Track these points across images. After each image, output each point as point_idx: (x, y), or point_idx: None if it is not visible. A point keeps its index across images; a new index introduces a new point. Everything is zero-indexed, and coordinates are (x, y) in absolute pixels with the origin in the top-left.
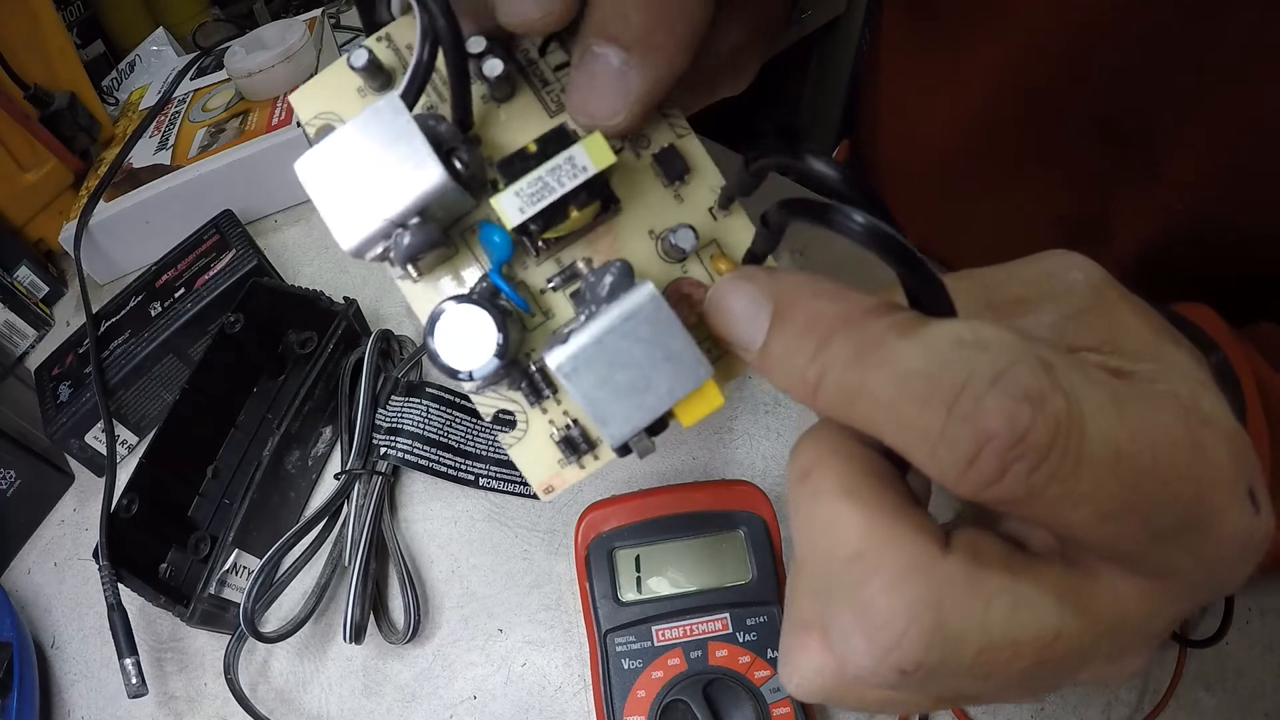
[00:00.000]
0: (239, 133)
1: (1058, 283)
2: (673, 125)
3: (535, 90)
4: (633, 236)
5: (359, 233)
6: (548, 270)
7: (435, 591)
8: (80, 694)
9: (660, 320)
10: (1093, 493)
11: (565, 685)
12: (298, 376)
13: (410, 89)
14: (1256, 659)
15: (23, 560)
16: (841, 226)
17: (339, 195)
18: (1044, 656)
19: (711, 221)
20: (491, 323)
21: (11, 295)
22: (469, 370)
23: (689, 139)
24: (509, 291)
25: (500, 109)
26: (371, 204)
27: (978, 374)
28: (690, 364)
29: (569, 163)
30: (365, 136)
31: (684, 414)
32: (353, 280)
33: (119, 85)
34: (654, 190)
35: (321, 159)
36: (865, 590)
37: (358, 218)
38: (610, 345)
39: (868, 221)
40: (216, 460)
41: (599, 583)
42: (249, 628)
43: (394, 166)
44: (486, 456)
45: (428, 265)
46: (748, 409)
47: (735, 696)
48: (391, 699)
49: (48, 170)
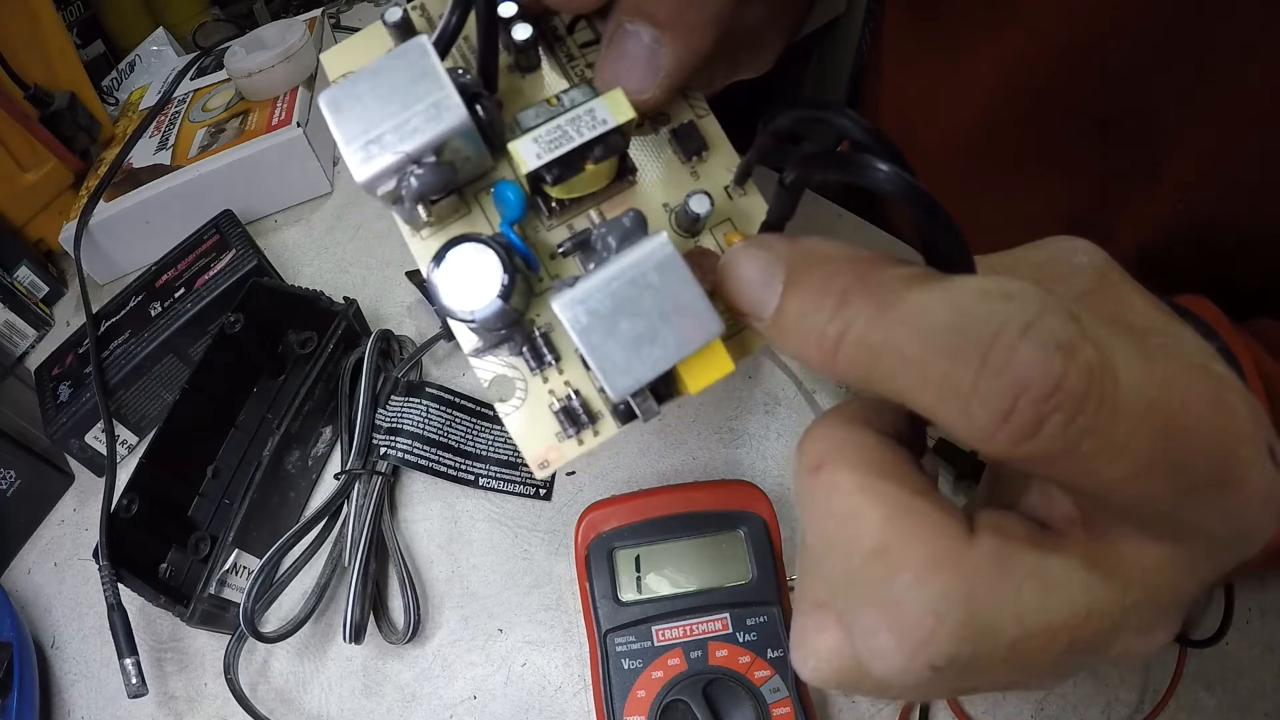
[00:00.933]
0: (239, 133)
1: (1063, 265)
2: (693, 106)
3: (560, 64)
4: (647, 209)
5: (375, 164)
6: (560, 235)
7: (435, 591)
8: (80, 694)
9: (672, 269)
10: (1126, 444)
11: (565, 685)
12: (298, 376)
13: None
14: (1256, 659)
15: (23, 560)
16: (867, 177)
17: (358, 125)
18: (1077, 636)
19: (727, 200)
20: (497, 262)
21: (11, 295)
22: (470, 310)
23: (708, 119)
24: (519, 244)
25: (525, 79)
26: (391, 136)
27: (1008, 325)
28: (700, 316)
29: (589, 114)
30: (392, 72)
31: (691, 379)
32: (353, 280)
33: (119, 85)
34: (670, 165)
35: (345, 91)
36: (891, 587)
37: (375, 149)
38: (619, 291)
39: (893, 171)
40: (216, 460)
41: (599, 583)
42: (249, 628)
43: (417, 102)
44: (486, 456)
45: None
46: (747, 409)
47: (735, 696)
48: (391, 699)
49: (48, 170)
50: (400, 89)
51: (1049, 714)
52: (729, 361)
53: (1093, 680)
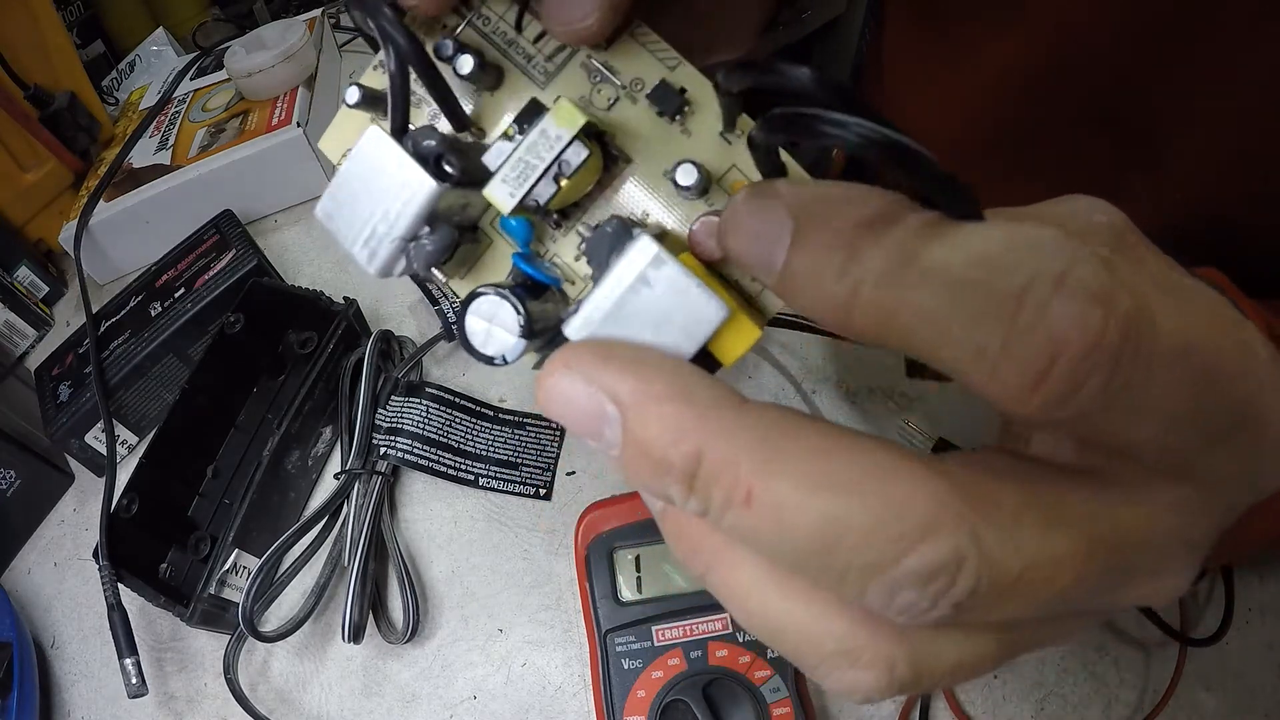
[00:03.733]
0: (239, 133)
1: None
2: (662, 59)
3: (520, 68)
4: (649, 183)
5: (379, 259)
6: (575, 238)
7: (435, 591)
8: (80, 694)
9: (662, 269)
10: (1164, 396)
11: (565, 685)
12: (298, 376)
13: (395, 114)
14: (1256, 659)
15: (23, 560)
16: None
17: (352, 229)
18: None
19: (725, 146)
20: (509, 306)
21: (11, 295)
22: (501, 355)
23: (681, 68)
24: (532, 272)
25: (494, 95)
26: (381, 228)
27: (1040, 277)
28: (702, 306)
29: (543, 136)
30: (359, 169)
31: (722, 353)
32: (353, 280)
33: (119, 85)
34: (658, 131)
35: (332, 201)
36: None
37: (373, 244)
38: (619, 304)
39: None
40: (216, 460)
41: (599, 583)
42: (248, 627)
43: (389, 189)
44: (486, 456)
45: (455, 266)
46: None
47: (735, 696)
48: (391, 699)
49: (48, 170)
50: (372, 182)
51: (1049, 714)
52: (755, 329)
53: (1093, 680)
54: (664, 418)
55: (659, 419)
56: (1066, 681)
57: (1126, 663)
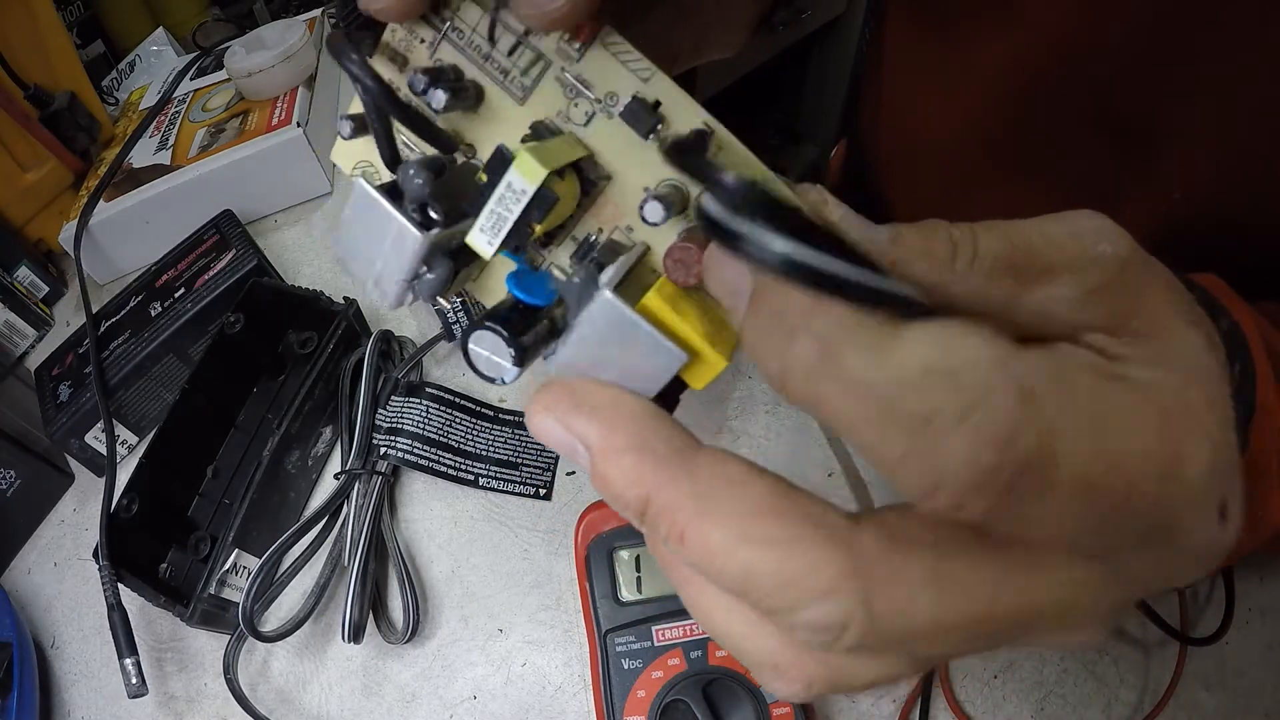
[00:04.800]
0: (239, 133)
1: (1084, 252)
2: (634, 70)
3: (499, 83)
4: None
5: (388, 296)
6: (568, 249)
7: (435, 591)
8: (80, 694)
9: (622, 323)
10: (1062, 520)
11: (565, 685)
12: (298, 376)
13: (382, 149)
14: (1256, 659)
15: (23, 560)
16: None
17: (363, 270)
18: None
19: None
20: (500, 339)
21: (11, 295)
22: (500, 378)
23: (655, 79)
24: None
25: (477, 114)
26: (383, 270)
27: (944, 410)
28: (661, 353)
29: (509, 189)
30: (357, 219)
31: (692, 380)
32: (353, 280)
33: (119, 85)
34: (636, 147)
35: (342, 245)
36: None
37: (382, 283)
38: (587, 349)
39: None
40: (216, 460)
41: (599, 583)
42: (248, 627)
43: (384, 239)
44: (486, 456)
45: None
46: (749, 409)
47: (735, 696)
48: (391, 699)
49: (48, 170)
50: (369, 231)
51: (1049, 714)
52: (721, 360)
53: (1093, 680)
54: (622, 467)
55: (618, 468)
56: (1066, 681)
57: (1126, 662)
